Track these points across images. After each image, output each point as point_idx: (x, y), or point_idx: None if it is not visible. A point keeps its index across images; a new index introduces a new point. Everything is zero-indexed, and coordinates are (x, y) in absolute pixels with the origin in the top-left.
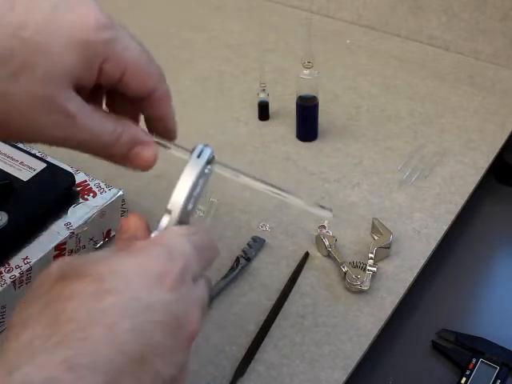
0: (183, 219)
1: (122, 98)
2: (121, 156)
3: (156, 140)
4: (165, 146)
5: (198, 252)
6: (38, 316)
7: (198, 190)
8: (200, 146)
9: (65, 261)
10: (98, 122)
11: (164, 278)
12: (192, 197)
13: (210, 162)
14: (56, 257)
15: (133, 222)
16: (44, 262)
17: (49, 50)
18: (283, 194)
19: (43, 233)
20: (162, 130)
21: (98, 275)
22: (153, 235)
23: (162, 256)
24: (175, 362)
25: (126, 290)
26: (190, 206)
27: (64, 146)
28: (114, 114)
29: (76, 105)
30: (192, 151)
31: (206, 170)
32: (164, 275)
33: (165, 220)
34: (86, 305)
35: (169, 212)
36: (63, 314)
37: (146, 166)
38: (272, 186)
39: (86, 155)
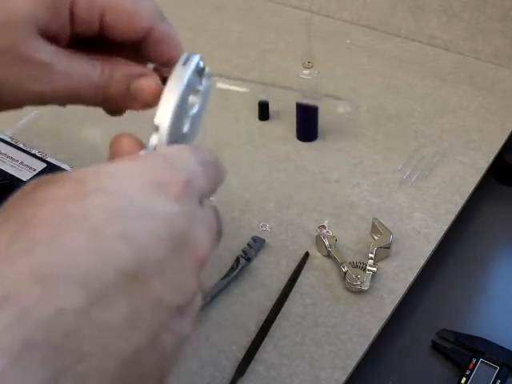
0: (178, 141)
1: (121, 48)
2: (121, 97)
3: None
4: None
5: (204, 168)
6: (5, 223)
7: (194, 110)
8: (186, 54)
9: (43, 176)
10: (81, 64)
11: (166, 185)
12: (185, 115)
13: (200, 73)
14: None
15: (124, 142)
16: None
17: None
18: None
19: None
20: None
21: (80, 178)
22: (141, 153)
23: (163, 164)
24: (181, 288)
25: (116, 191)
26: (185, 128)
27: (56, 102)
28: (101, 55)
29: (47, 52)
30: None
31: (200, 87)
32: (166, 183)
33: (154, 138)
34: (62, 208)
35: (156, 128)
36: (33, 219)
37: (153, 99)
38: (284, 87)
39: (86, 155)
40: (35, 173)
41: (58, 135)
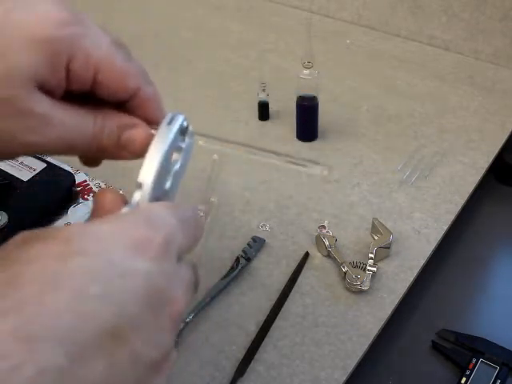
0: (160, 197)
1: (107, 106)
2: (113, 147)
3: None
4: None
5: (182, 225)
6: None
7: (177, 166)
8: (170, 114)
9: (29, 231)
10: (75, 116)
11: (144, 245)
12: (168, 173)
13: (184, 132)
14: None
15: (108, 198)
16: None
17: (2, 51)
18: (276, 158)
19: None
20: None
21: (66, 237)
22: (124, 210)
23: (143, 223)
24: (157, 344)
25: (97, 252)
26: (167, 184)
27: (50, 152)
28: (91, 107)
29: (44, 105)
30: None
31: (183, 145)
32: (144, 242)
33: (137, 195)
34: (47, 267)
35: (140, 186)
36: (20, 278)
37: (142, 150)
38: (265, 150)
39: None
40: (35, 173)
41: None
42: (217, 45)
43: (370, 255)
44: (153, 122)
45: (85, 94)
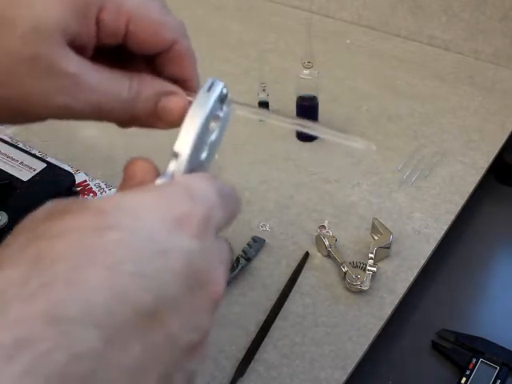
0: (195, 168)
1: (136, 61)
2: (147, 115)
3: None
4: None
5: (222, 200)
6: (16, 258)
7: (213, 136)
8: (210, 80)
9: (58, 200)
10: (109, 78)
11: (185, 221)
12: (205, 142)
13: (223, 100)
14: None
15: (139, 167)
16: None
17: (30, 2)
18: (312, 127)
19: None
20: None
21: (100, 209)
22: (158, 181)
23: (182, 196)
24: (195, 326)
25: (136, 228)
26: (203, 155)
27: (79, 117)
28: (127, 71)
29: (76, 63)
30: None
31: (221, 114)
32: (185, 218)
33: (172, 165)
34: (80, 241)
35: (176, 155)
36: (50, 253)
37: (179, 119)
38: (298, 119)
39: (86, 155)
40: (35, 173)
41: (57, 135)
42: (217, 45)
43: (370, 255)
44: (186, 80)
45: (116, 51)
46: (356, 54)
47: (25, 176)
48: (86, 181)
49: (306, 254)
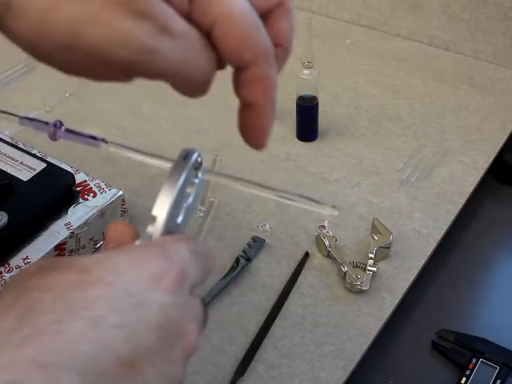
0: (172, 230)
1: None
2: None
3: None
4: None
5: (196, 258)
6: (7, 308)
7: (189, 201)
8: (185, 149)
9: (46, 259)
10: (207, 46)
11: (161, 278)
12: (181, 207)
13: (197, 167)
14: (56, 257)
15: (119, 230)
16: None
17: None
18: (282, 195)
19: (43, 233)
20: (249, 124)
21: (83, 266)
22: (137, 242)
23: (159, 255)
24: (169, 376)
25: (116, 283)
26: (179, 218)
27: (161, 74)
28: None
29: (166, 11)
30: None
31: (196, 180)
32: (161, 275)
33: (150, 228)
34: (66, 295)
35: (154, 219)
36: (38, 305)
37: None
38: (271, 188)
39: (86, 155)
40: (35, 173)
41: None
42: None
43: (370, 255)
44: (254, 104)
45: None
46: (356, 54)
47: (25, 176)
48: (86, 181)
49: (306, 254)
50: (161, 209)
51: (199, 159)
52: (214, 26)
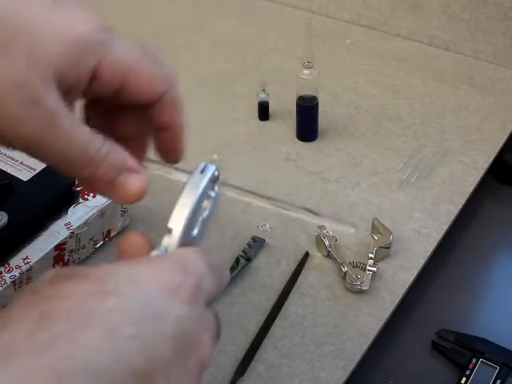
0: (187, 243)
1: (124, 112)
2: (105, 181)
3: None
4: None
5: (211, 271)
6: (23, 316)
7: (205, 214)
8: (203, 163)
9: (60, 268)
10: (82, 131)
11: (178, 290)
12: (197, 220)
13: (214, 181)
14: (56, 257)
15: (134, 242)
16: (44, 262)
17: (38, 34)
18: (297, 211)
19: (43, 233)
20: (167, 144)
21: (100, 276)
22: (153, 254)
23: (175, 267)
24: None
25: (132, 295)
26: (195, 231)
27: (45, 158)
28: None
29: (56, 101)
30: (195, 169)
31: (213, 193)
32: (177, 287)
33: (166, 240)
34: (82, 305)
35: (169, 231)
36: (53, 313)
37: (133, 198)
38: (284, 203)
39: None
40: (35, 173)
41: None
42: (217, 45)
43: (370, 255)
44: (170, 127)
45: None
46: (356, 54)
47: (25, 176)
48: None
49: (306, 254)
50: (177, 221)
51: (216, 173)
52: (125, 78)
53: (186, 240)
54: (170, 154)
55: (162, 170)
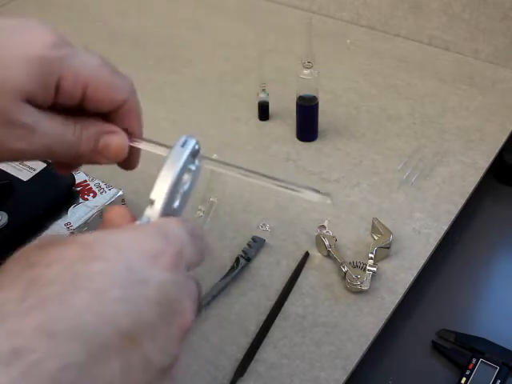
0: (168, 215)
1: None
2: (89, 152)
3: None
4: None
5: (192, 240)
6: (13, 279)
7: (185, 187)
8: (184, 137)
9: (46, 235)
10: (57, 125)
11: (160, 256)
12: (178, 192)
13: (195, 155)
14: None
15: (117, 213)
16: None
17: (1, 56)
18: (278, 183)
19: (43, 233)
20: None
21: (86, 242)
22: (136, 223)
23: (158, 235)
24: (167, 351)
25: (117, 260)
26: (176, 203)
27: (33, 158)
28: (74, 116)
29: (31, 115)
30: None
31: (193, 167)
32: (160, 254)
33: (148, 211)
34: (69, 269)
35: (152, 203)
36: (42, 278)
37: (117, 155)
38: (266, 176)
39: None
40: (35, 173)
41: None
42: (217, 45)
43: (370, 255)
44: (133, 131)
45: (74, 108)
46: (356, 54)
47: (25, 176)
48: (85, 181)
49: (306, 254)
50: (159, 193)
51: (197, 146)
52: (86, 89)
53: (168, 212)
54: (131, 162)
55: None
